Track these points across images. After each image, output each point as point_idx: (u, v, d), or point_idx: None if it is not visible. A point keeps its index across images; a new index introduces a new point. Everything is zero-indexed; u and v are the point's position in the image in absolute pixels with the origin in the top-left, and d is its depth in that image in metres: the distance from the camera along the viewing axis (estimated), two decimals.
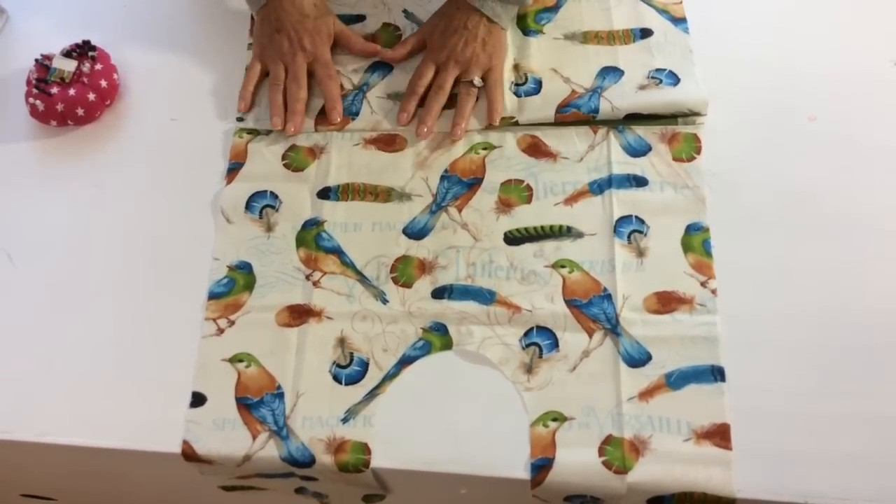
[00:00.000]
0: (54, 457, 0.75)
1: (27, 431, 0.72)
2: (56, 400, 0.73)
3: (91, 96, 0.85)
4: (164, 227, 0.80)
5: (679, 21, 0.87)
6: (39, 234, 0.81)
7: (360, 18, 0.91)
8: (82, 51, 0.86)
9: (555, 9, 0.90)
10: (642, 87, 0.82)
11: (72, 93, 0.84)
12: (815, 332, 0.70)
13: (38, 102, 0.84)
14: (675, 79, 0.82)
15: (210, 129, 0.85)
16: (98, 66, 0.86)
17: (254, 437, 0.69)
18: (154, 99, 0.89)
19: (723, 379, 0.68)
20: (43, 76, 0.85)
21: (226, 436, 0.69)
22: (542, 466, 0.66)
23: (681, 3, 0.88)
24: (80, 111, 0.85)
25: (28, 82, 0.85)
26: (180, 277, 0.77)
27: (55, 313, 0.77)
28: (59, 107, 0.84)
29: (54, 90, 0.84)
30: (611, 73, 0.84)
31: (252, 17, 0.91)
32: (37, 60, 0.86)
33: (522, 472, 0.66)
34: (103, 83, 0.86)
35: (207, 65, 0.90)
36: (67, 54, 0.86)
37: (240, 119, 0.85)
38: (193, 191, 0.82)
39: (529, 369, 0.70)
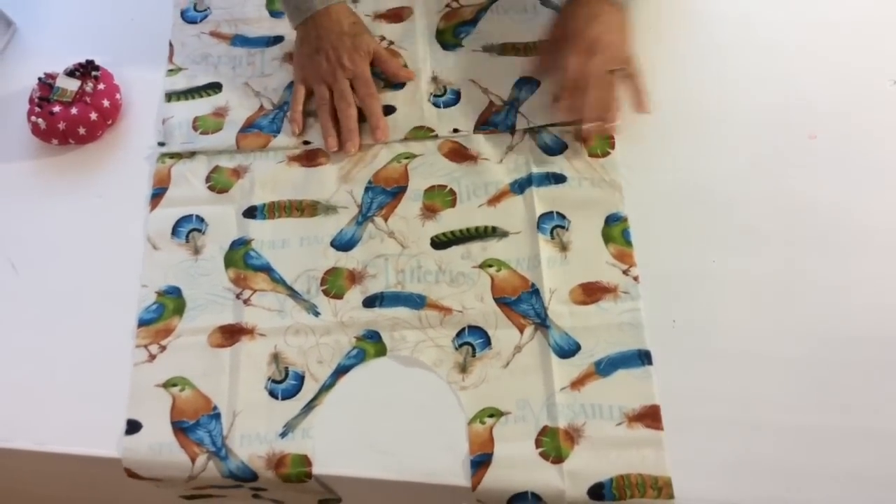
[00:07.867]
0: (53, 465, 0.74)
1: (26, 439, 0.71)
2: (55, 408, 0.73)
3: (93, 115, 0.84)
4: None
5: None
6: (40, 245, 0.81)
7: None
8: (85, 70, 0.86)
9: (472, 22, 0.91)
10: (556, 100, 0.83)
11: (74, 112, 0.84)
12: (812, 346, 0.70)
13: (39, 121, 0.84)
14: None
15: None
16: (101, 86, 0.86)
17: (192, 460, 0.69)
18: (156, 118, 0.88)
19: (650, 362, 0.70)
20: (45, 95, 0.84)
21: (164, 460, 0.69)
22: (481, 463, 0.67)
23: None
24: (81, 130, 0.84)
25: (30, 101, 0.85)
26: None
27: (56, 322, 0.77)
28: (61, 125, 0.83)
29: (56, 109, 0.83)
30: (527, 84, 0.85)
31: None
32: (40, 79, 0.86)
33: (463, 478, 0.67)
34: (106, 103, 0.85)
35: None
36: (71, 73, 0.86)
37: (161, 144, 0.85)
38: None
39: (464, 368, 0.71)
